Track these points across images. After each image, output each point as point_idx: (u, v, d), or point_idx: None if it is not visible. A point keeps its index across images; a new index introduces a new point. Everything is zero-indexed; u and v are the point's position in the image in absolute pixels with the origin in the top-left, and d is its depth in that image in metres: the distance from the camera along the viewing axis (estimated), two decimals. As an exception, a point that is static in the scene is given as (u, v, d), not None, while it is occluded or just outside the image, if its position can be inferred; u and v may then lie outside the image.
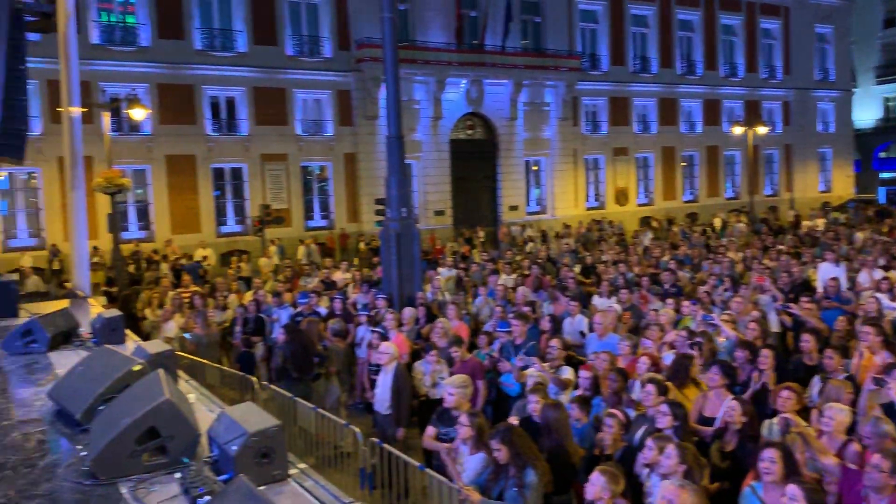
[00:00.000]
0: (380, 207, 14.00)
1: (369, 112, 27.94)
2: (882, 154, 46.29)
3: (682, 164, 37.12)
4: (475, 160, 31.17)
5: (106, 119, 20.00)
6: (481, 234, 27.05)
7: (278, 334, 10.78)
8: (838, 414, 5.54)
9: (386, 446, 6.47)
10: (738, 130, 32.85)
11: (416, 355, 9.17)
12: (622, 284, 12.34)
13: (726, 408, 5.90)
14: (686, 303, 10.05)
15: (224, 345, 11.79)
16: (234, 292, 14.00)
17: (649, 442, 5.29)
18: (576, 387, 7.28)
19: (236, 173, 26.71)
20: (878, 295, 10.00)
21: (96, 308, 10.11)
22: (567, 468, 5.71)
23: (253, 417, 3.92)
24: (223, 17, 25.95)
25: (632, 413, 6.29)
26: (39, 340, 7.24)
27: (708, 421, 6.32)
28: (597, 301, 11.53)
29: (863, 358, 7.27)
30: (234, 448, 3.67)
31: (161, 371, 4.55)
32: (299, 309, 11.33)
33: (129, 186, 19.69)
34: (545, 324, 9.28)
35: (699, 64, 36.88)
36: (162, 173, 25.08)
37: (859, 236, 18.92)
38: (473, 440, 5.74)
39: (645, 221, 33.27)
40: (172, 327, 11.17)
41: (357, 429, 6.91)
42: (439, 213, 29.88)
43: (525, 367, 7.73)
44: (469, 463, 5.73)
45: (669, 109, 36.16)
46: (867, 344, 7.28)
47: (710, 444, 5.85)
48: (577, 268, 15.68)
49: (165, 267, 20.45)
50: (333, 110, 27.90)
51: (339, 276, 15.15)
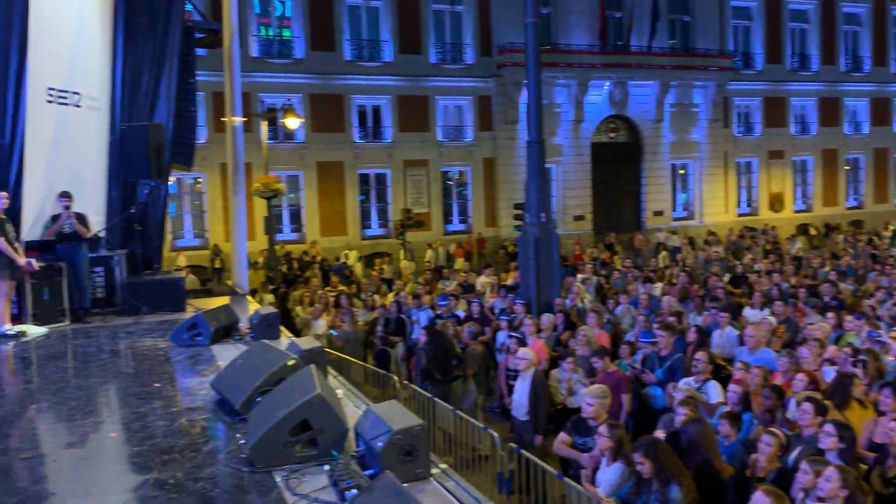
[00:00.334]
0: (518, 212, 14.00)
1: (509, 117, 28.04)
2: None
3: (846, 168, 34.44)
4: (617, 164, 30.45)
5: (264, 128, 21.32)
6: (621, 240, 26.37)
7: (418, 335, 11.05)
8: None
9: (524, 452, 6.44)
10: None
11: (555, 362, 9.07)
12: (776, 296, 11.60)
13: (886, 429, 5.42)
14: (849, 317, 9.30)
15: (366, 343, 12.21)
16: (380, 293, 14.48)
17: (804, 465, 4.93)
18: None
19: (380, 178, 27.65)
20: None
21: (254, 305, 10.80)
22: (715, 486, 5.44)
23: (397, 415, 4.03)
24: (371, 29, 26.96)
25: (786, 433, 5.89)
26: (203, 334, 7.82)
27: (878, 448, 5.81)
28: (748, 313, 10.92)
29: None
30: (380, 444, 3.79)
31: (313, 366, 4.79)
32: (438, 311, 11.53)
33: (284, 191, 20.86)
34: (692, 335, 8.90)
35: (867, 60, 34.09)
36: (313, 179, 26.39)
37: None
38: (612, 451, 5.60)
39: (802, 229, 31.15)
40: (321, 325, 11.70)
41: (495, 433, 6.92)
42: (579, 218, 29.45)
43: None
44: (606, 474, 5.61)
45: (831, 109, 33.66)
46: None
47: (871, 469, 5.38)
48: (727, 277, 14.93)
49: (315, 267, 21.51)
50: (473, 116, 28.24)
51: (482, 280, 15.24)
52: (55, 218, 9.32)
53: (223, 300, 10.92)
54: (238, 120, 12.51)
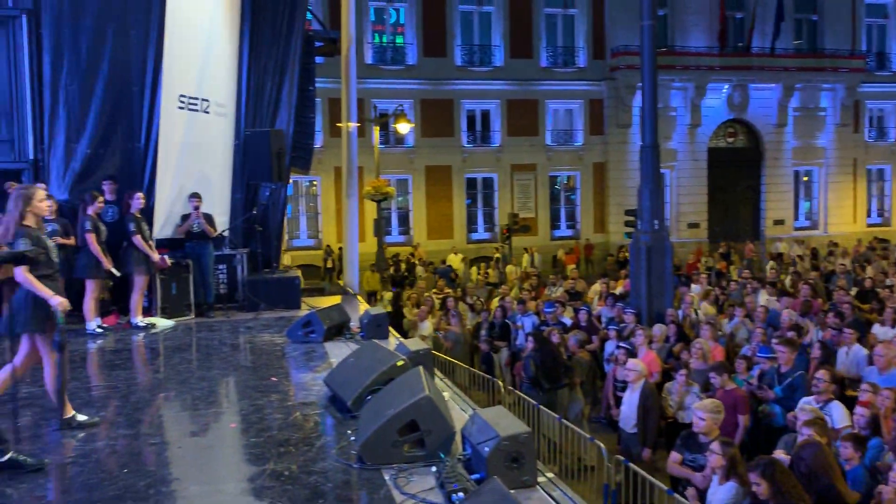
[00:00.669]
0: (630, 218, 13.71)
1: (621, 120, 27.50)
2: None
3: None
4: (735, 170, 29.25)
5: (376, 132, 21.88)
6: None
7: (523, 341, 10.99)
8: None
9: (631, 465, 6.30)
10: None
11: (666, 375, 8.82)
12: (911, 313, 10.77)
13: None
14: None
15: (471, 347, 12.27)
16: (486, 297, 14.53)
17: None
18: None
19: (487, 183, 27.75)
20: None
21: (364, 305, 11.09)
22: (839, 514, 5.12)
23: (504, 421, 4.03)
24: (483, 34, 27.15)
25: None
26: (317, 331, 8.11)
27: None
28: (878, 330, 10.21)
29: None
30: (487, 449, 3.80)
31: (421, 368, 4.87)
32: (544, 318, 11.44)
33: (393, 194, 21.33)
34: (816, 352, 8.41)
35: None
36: (421, 182, 26.83)
37: None
38: (725, 470, 5.38)
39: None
40: (427, 326, 11.87)
41: (601, 444, 6.80)
42: (693, 226, 28.48)
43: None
44: (718, 494, 5.39)
45: (981, 112, 31.04)
46: None
47: None
48: (854, 291, 14.01)
49: (421, 270, 21.84)
50: (584, 120, 27.90)
51: (596, 289, 14.90)
52: (185, 217, 9.92)
53: (335, 299, 11.28)
54: (353, 125, 12.88)
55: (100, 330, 8.55)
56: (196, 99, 10.25)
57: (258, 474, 4.16)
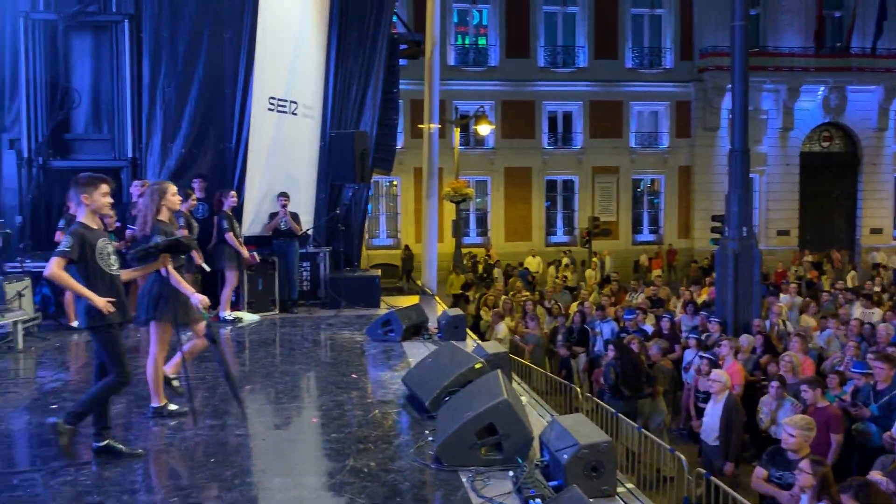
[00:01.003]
0: (717, 224, 13.32)
1: (709, 123, 26.75)
2: None
3: None
4: (830, 175, 27.96)
5: (456, 134, 21.97)
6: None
7: (601, 348, 10.81)
8: None
9: (713, 479, 6.11)
10: None
11: (751, 387, 8.51)
12: None
13: None
14: None
15: (547, 351, 12.16)
16: (563, 301, 14.38)
17: None
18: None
19: (567, 185, 27.46)
20: None
21: (441, 305, 11.16)
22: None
23: (584, 429, 3.98)
24: (567, 35, 26.90)
25: None
26: (396, 330, 8.22)
27: None
28: None
29: None
30: (566, 457, 3.76)
31: (499, 371, 4.86)
32: (623, 324, 11.22)
33: (472, 196, 21.37)
34: (916, 369, 7.94)
35: None
36: (500, 184, 26.78)
37: None
38: (815, 490, 5.14)
39: None
40: (503, 329, 11.83)
41: (682, 455, 6.62)
42: (783, 234, 27.39)
43: None
44: (807, 514, 5.15)
45: None
46: None
47: None
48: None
49: (498, 271, 21.78)
50: (670, 122, 27.26)
51: (705, 295, 14.43)
52: (272, 216, 10.24)
53: (413, 299, 11.39)
54: (434, 127, 12.98)
55: None
56: (285, 101, 10.56)
57: (338, 470, 4.24)
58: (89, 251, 4.33)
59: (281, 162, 10.64)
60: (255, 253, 9.59)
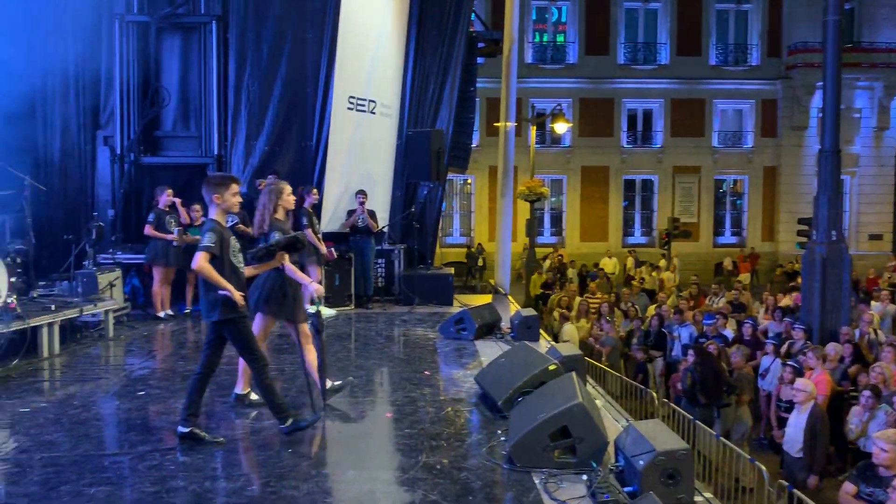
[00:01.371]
0: (804, 227, 12.80)
1: (797, 122, 25.73)
2: None
3: None
4: (928, 177, 26.49)
5: (532, 132, 21.82)
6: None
7: (679, 352, 10.55)
8: None
9: (796, 491, 5.87)
10: None
11: (837, 398, 8.14)
12: None
13: None
14: None
15: (622, 354, 11.95)
16: (640, 303, 14.09)
17: None
18: None
19: (646, 185, 26.91)
20: None
21: (514, 305, 11.11)
22: None
23: (661, 436, 3.89)
24: (648, 31, 26.36)
25: None
26: (468, 329, 8.24)
27: None
28: None
29: None
30: (641, 463, 3.68)
31: (573, 374, 4.80)
32: (702, 329, 10.91)
33: (547, 195, 21.17)
34: None
35: None
36: (576, 183, 26.46)
37: None
38: (909, 509, 4.89)
39: None
40: (568, 330, 11.68)
41: (762, 466, 6.40)
42: (875, 238, 26.11)
43: None
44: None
45: None
46: None
47: None
48: None
49: (572, 272, 21.50)
50: (755, 120, 26.38)
51: (787, 301, 13.89)
52: (350, 213, 10.41)
53: (486, 298, 11.39)
54: (510, 125, 12.92)
55: None
56: (364, 100, 10.72)
57: (411, 465, 4.28)
58: (225, 247, 4.56)
59: (359, 160, 10.82)
60: (333, 249, 9.78)
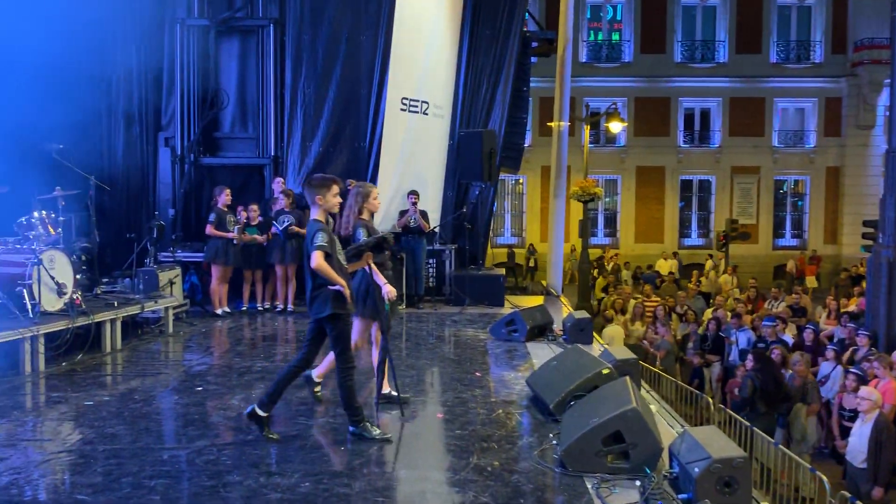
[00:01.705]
0: (869, 230, 12.37)
1: (862, 121, 24.85)
2: None
3: None
4: None
5: (586, 132, 21.57)
6: None
7: (736, 357, 10.30)
8: None
9: (859, 503, 5.68)
10: None
11: (906, 407, 7.83)
12: None
13: None
14: None
15: (677, 358, 11.73)
16: (696, 307, 13.82)
17: None
18: None
19: (703, 185, 26.36)
20: None
21: (567, 307, 11.02)
22: None
23: (717, 443, 3.80)
24: (706, 29, 25.83)
25: None
26: (520, 330, 8.19)
27: None
28: None
29: None
30: (697, 470, 3.61)
31: (628, 378, 4.73)
32: (761, 333, 10.63)
33: (601, 195, 20.89)
34: None
35: None
36: (631, 183, 26.07)
37: None
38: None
39: None
40: (610, 331, 11.51)
41: (823, 476, 6.19)
42: (946, 241, 24.99)
43: None
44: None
45: None
46: None
47: None
48: None
49: (626, 273, 21.22)
50: (818, 119, 25.58)
51: (852, 306, 13.47)
52: (402, 213, 10.48)
53: (538, 299, 11.31)
54: (564, 124, 12.81)
55: None
56: (417, 101, 10.78)
57: (462, 467, 4.27)
58: (333, 246, 4.69)
59: (411, 160, 10.88)
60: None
